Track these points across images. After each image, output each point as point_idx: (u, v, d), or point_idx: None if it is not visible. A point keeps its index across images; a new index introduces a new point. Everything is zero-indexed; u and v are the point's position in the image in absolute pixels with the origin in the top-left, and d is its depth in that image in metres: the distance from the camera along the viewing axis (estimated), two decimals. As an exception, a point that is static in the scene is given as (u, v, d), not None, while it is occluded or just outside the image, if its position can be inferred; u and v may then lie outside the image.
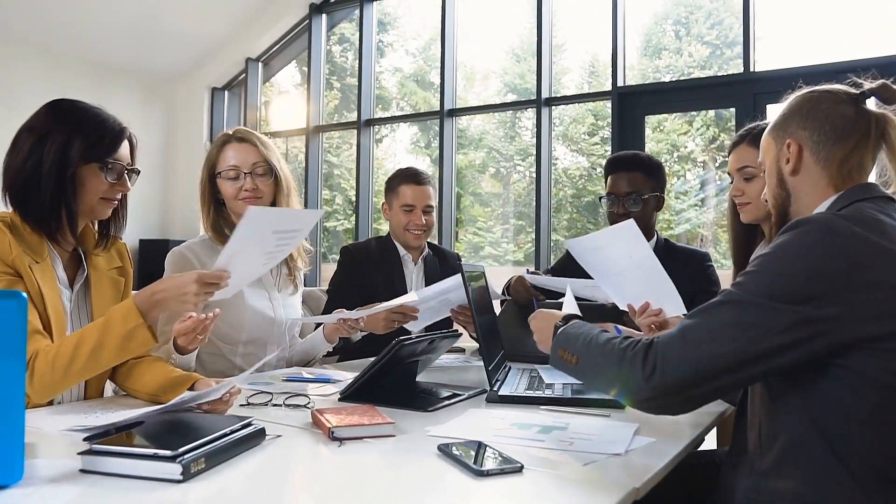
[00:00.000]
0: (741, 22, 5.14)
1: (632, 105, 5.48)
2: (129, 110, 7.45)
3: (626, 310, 1.93)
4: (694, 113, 6.23)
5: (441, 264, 2.80)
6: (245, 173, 2.08)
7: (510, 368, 2.02)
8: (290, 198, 2.15)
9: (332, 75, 7.97)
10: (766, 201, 1.37)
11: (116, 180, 1.60)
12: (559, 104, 6.18)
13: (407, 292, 2.59)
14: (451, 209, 6.38)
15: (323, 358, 2.39)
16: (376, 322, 2.24)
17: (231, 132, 2.16)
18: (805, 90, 1.32)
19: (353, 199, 7.08)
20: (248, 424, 1.23)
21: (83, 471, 1.06)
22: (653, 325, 1.83)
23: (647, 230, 2.61)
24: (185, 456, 1.03)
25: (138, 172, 1.67)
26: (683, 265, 2.56)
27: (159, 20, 6.83)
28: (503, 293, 2.58)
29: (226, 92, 7.85)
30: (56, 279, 1.56)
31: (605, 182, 2.66)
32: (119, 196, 1.63)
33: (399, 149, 8.16)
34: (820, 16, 5.38)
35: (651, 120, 5.85)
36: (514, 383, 1.80)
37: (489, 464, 1.10)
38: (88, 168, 1.55)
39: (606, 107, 5.94)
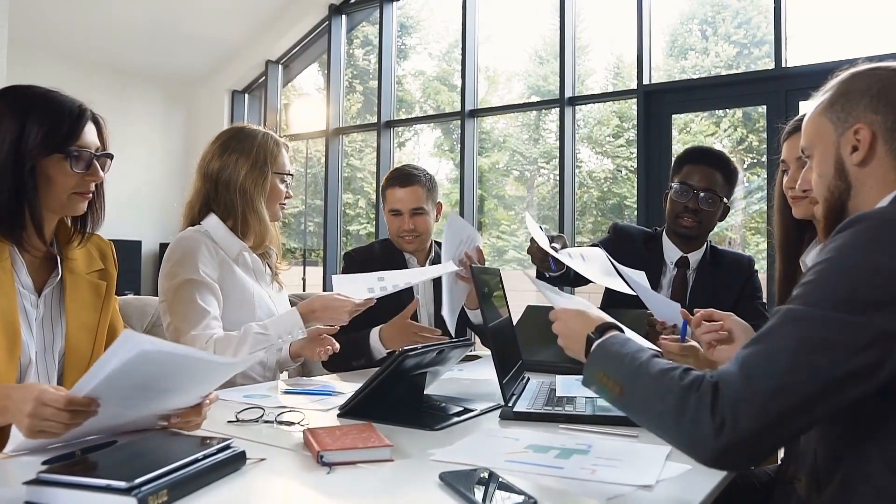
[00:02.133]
0: (770, 18, 4.96)
1: (658, 103, 5.29)
2: (151, 114, 7.43)
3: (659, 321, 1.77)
4: (721, 114, 6.07)
5: None
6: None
7: (528, 380, 1.86)
8: None
9: (356, 79, 7.90)
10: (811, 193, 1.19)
11: (86, 170, 1.43)
12: (582, 103, 6.00)
13: (413, 297, 2.44)
14: (472, 211, 6.23)
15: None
16: (389, 336, 2.15)
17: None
18: (863, 67, 1.14)
19: (375, 202, 6.98)
20: (227, 447, 1.08)
21: (28, 503, 0.92)
22: (713, 342, 1.59)
23: (706, 235, 2.45)
24: (143, 488, 0.89)
25: (111, 157, 1.50)
26: (730, 272, 2.41)
27: (179, 25, 6.80)
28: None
29: (246, 95, 7.80)
30: (16, 284, 1.40)
31: (676, 172, 2.43)
32: (93, 187, 1.47)
33: (422, 152, 8.07)
34: (852, 9, 5.17)
35: (678, 121, 5.67)
36: (532, 398, 1.64)
37: (497, 499, 0.95)
38: (50, 160, 1.39)
39: (632, 108, 5.78)
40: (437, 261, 2.57)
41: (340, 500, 1.01)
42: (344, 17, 7.12)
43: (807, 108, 1.23)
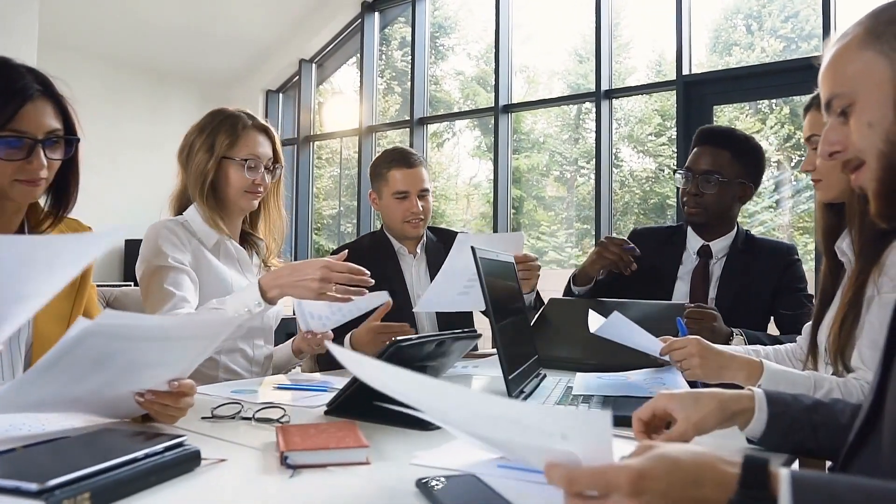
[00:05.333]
0: (819, 11, 4.76)
1: (699, 95, 5.08)
2: (187, 114, 7.45)
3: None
4: (767, 111, 5.85)
5: (448, 249, 2.33)
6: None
7: (544, 376, 1.70)
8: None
9: (394, 80, 7.84)
10: (860, 150, 0.94)
11: (24, 158, 1.27)
12: (619, 96, 5.81)
13: (406, 290, 2.30)
14: (506, 209, 6.07)
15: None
16: (361, 341, 2.01)
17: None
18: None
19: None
20: (178, 445, 0.96)
21: (-65, 506, 0.80)
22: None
23: (724, 220, 2.28)
24: (57, 492, 0.77)
25: (73, 140, 1.35)
26: (767, 260, 2.23)
27: (213, 26, 6.83)
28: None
29: (280, 94, 7.79)
30: None
31: (688, 155, 2.33)
32: (39, 175, 1.29)
33: (461, 152, 7.98)
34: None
35: (722, 118, 5.46)
36: (546, 395, 1.49)
37: (475, 509, 0.80)
38: None
39: (672, 103, 5.58)
40: (430, 247, 2.45)
41: (299, 507, 0.87)
42: (377, 14, 7.05)
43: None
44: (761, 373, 1.38)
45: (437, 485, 0.87)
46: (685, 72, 5.12)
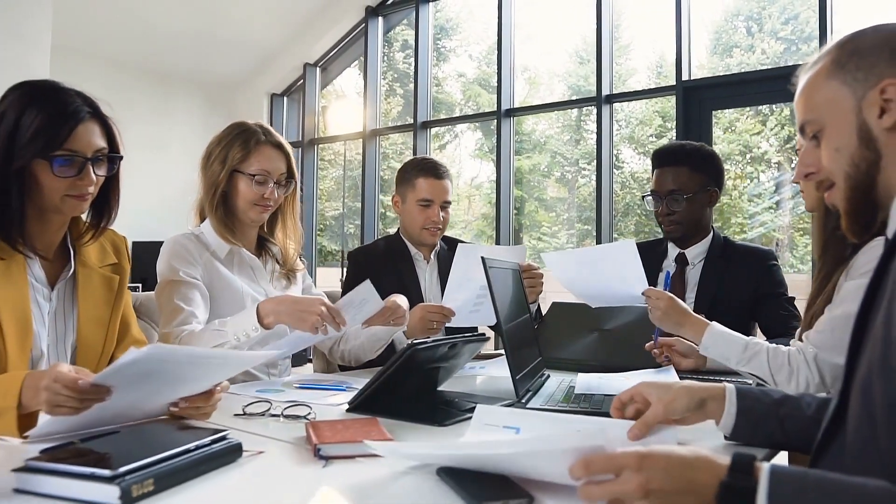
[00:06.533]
0: (818, 14, 4.81)
1: (698, 100, 5.17)
2: (192, 117, 7.56)
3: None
4: (767, 112, 5.91)
5: None
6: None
7: (547, 377, 1.81)
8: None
9: (396, 82, 7.92)
10: (830, 170, 1.02)
11: (76, 175, 1.38)
12: (620, 100, 5.90)
13: (420, 293, 2.40)
14: (509, 212, 6.17)
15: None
16: (413, 325, 2.10)
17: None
18: (862, 29, 1.00)
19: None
20: (222, 438, 1.07)
21: (17, 490, 0.91)
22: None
23: (699, 228, 2.41)
24: (127, 477, 0.88)
25: (118, 158, 1.46)
26: (744, 265, 2.34)
27: (219, 30, 6.91)
28: None
29: (284, 98, 7.88)
30: (28, 278, 1.40)
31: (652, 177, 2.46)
32: (88, 191, 1.41)
33: (462, 154, 8.05)
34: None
35: (722, 120, 5.54)
36: (549, 394, 1.60)
37: (491, 493, 0.91)
38: (39, 164, 1.35)
39: (673, 107, 5.66)
40: (442, 255, 2.56)
41: (334, 492, 0.98)
42: (380, 18, 7.14)
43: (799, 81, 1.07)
44: (705, 330, 1.68)
45: (456, 473, 0.98)
46: (685, 77, 5.21)
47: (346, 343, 2.16)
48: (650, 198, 2.42)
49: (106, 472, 0.87)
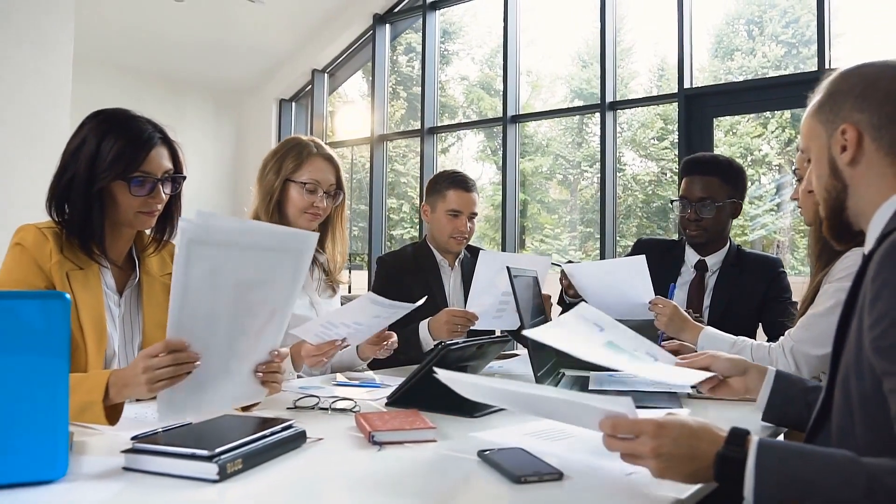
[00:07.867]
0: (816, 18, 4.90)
1: (700, 107, 5.30)
2: (202, 122, 7.71)
3: None
4: (769, 115, 5.99)
5: None
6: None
7: (563, 375, 1.97)
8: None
9: (399, 85, 8.03)
10: (813, 193, 1.22)
11: (148, 193, 1.56)
12: (624, 108, 6.03)
13: (445, 299, 2.54)
14: (514, 216, 6.31)
15: None
16: (436, 325, 2.24)
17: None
18: (851, 67, 1.16)
19: (419, 206, 7.09)
20: (289, 427, 1.23)
21: (126, 468, 1.08)
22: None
23: (720, 238, 2.54)
24: (222, 456, 1.04)
25: (180, 179, 1.63)
26: (754, 273, 2.49)
27: (229, 37, 7.04)
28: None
29: (293, 103, 8.01)
30: (102, 285, 1.58)
31: (679, 183, 2.58)
32: (157, 208, 1.59)
33: (466, 156, 8.16)
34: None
35: (724, 123, 5.64)
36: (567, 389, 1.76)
37: (527, 470, 1.07)
38: (118, 184, 1.53)
39: (675, 110, 5.78)
40: (465, 262, 2.69)
41: (390, 472, 1.14)
42: (388, 26, 7.27)
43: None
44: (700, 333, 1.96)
45: (494, 454, 1.15)
46: (686, 84, 5.33)
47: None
48: (678, 203, 2.52)
49: (205, 452, 1.04)
